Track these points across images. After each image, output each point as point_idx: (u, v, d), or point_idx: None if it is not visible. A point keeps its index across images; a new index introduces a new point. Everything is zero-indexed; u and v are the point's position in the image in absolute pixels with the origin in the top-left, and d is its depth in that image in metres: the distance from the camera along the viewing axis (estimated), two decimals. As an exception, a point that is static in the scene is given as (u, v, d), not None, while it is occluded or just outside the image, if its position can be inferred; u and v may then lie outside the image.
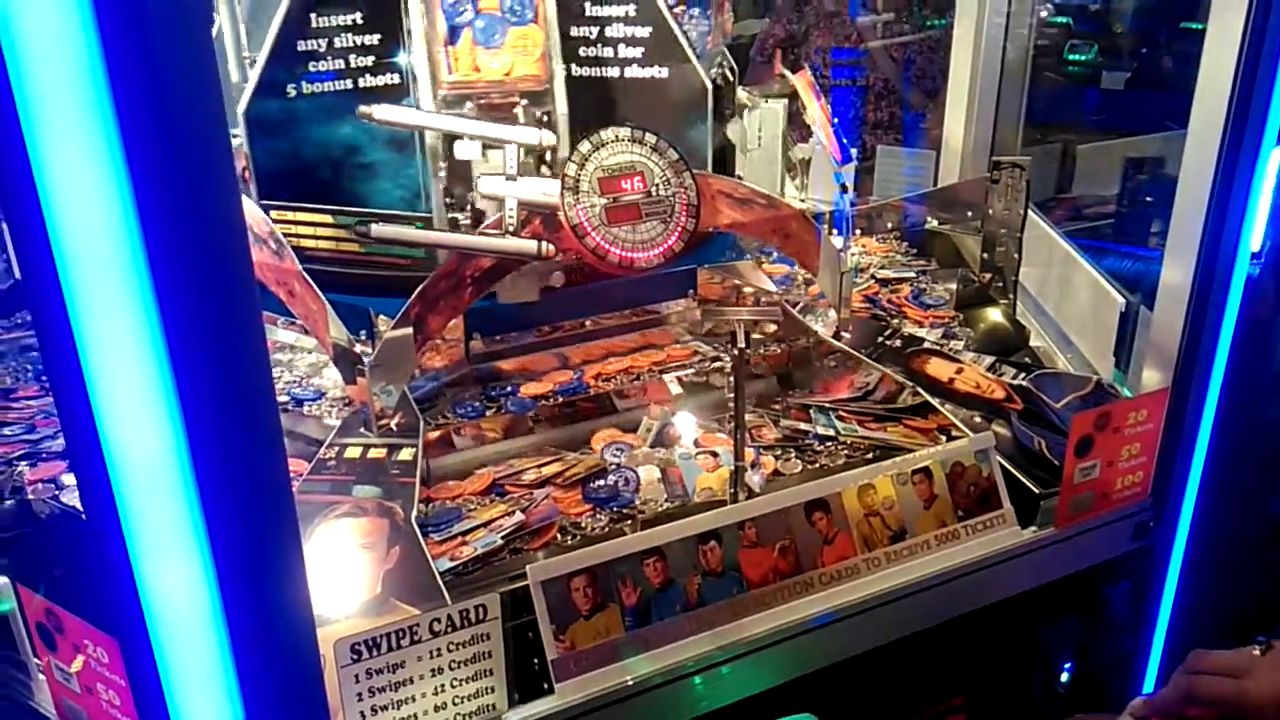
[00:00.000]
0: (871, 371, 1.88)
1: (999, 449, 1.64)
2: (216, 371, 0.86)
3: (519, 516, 1.50)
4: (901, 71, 4.07)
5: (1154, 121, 3.72)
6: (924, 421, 1.74)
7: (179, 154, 0.79)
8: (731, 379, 1.52)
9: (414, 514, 1.44)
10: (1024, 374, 1.89)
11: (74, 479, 1.48)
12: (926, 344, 2.01)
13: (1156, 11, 5.63)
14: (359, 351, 1.65)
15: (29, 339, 2.07)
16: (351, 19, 1.86)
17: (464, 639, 1.24)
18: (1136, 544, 1.77)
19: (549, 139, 1.77)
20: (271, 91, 1.85)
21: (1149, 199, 3.50)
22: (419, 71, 1.85)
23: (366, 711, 1.20)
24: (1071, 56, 5.45)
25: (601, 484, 1.60)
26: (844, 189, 2.19)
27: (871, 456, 1.67)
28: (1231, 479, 1.80)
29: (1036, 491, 1.63)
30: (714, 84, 2.04)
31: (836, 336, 1.99)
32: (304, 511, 1.35)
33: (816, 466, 1.67)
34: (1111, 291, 1.97)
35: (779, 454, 1.70)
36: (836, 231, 2.15)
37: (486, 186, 1.73)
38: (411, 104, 1.86)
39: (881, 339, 2.03)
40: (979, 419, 1.75)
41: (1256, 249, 1.68)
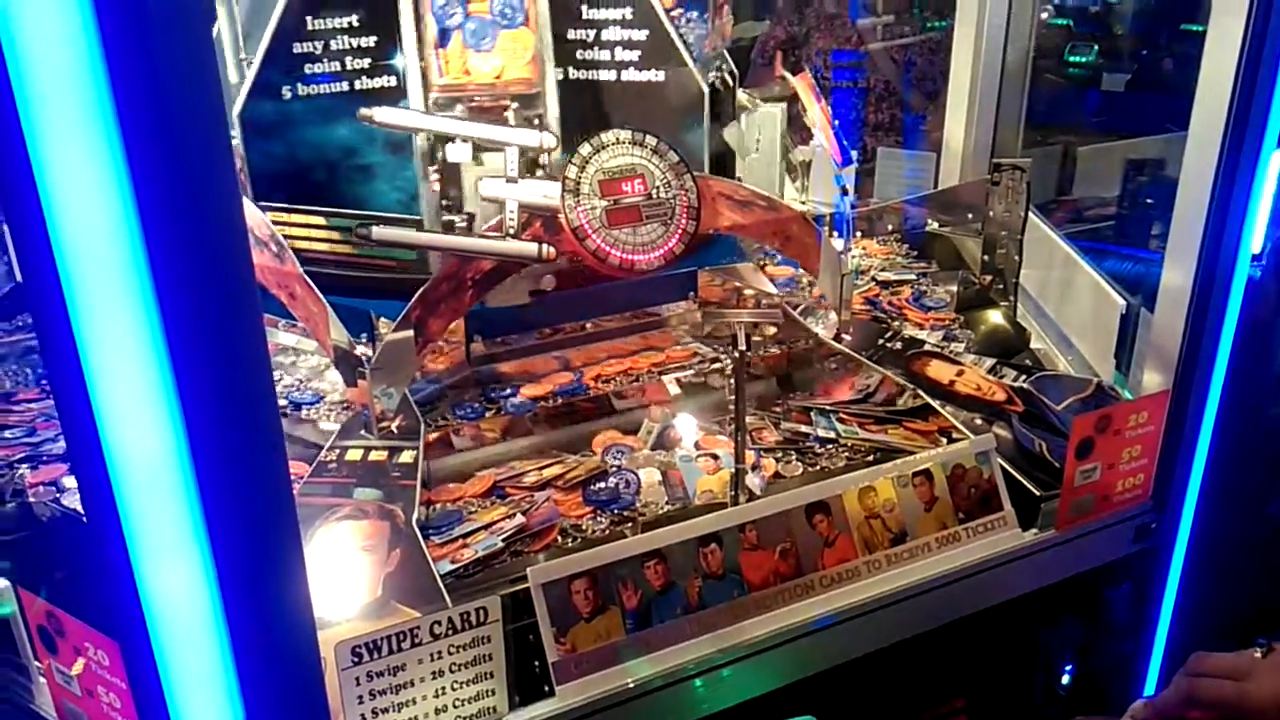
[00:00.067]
0: (872, 374, 1.88)
1: (1000, 451, 1.64)
2: (217, 374, 0.86)
3: (520, 519, 1.50)
4: (902, 73, 4.07)
5: (1155, 123, 3.72)
6: (925, 424, 1.74)
7: (180, 155, 0.79)
8: (732, 381, 1.52)
9: (415, 516, 1.45)
10: (1025, 376, 1.89)
11: (75, 481, 1.48)
12: (927, 346, 2.01)
13: (1157, 13, 5.63)
14: (360, 354, 1.65)
15: (30, 342, 2.07)
16: (348, 21, 1.86)
17: (465, 641, 1.24)
18: (1137, 546, 1.77)
19: (549, 141, 1.77)
20: (267, 93, 1.85)
21: (1149, 201, 3.50)
22: (410, 74, 1.85)
23: (367, 714, 1.20)
24: (1072, 58, 5.45)
25: (602, 486, 1.60)
26: (844, 191, 2.19)
27: (872, 459, 1.67)
28: (1232, 481, 1.80)
29: (1037, 494, 1.63)
30: (713, 87, 2.04)
31: (837, 339, 1.99)
32: (305, 514, 1.35)
33: (817, 469, 1.67)
34: (1112, 294, 1.97)
35: (780, 456, 1.70)
36: (837, 234, 2.15)
37: (487, 189, 1.73)
38: (406, 106, 1.86)
39: (882, 341, 2.03)
40: (979, 421, 1.75)
41: (1257, 251, 1.68)
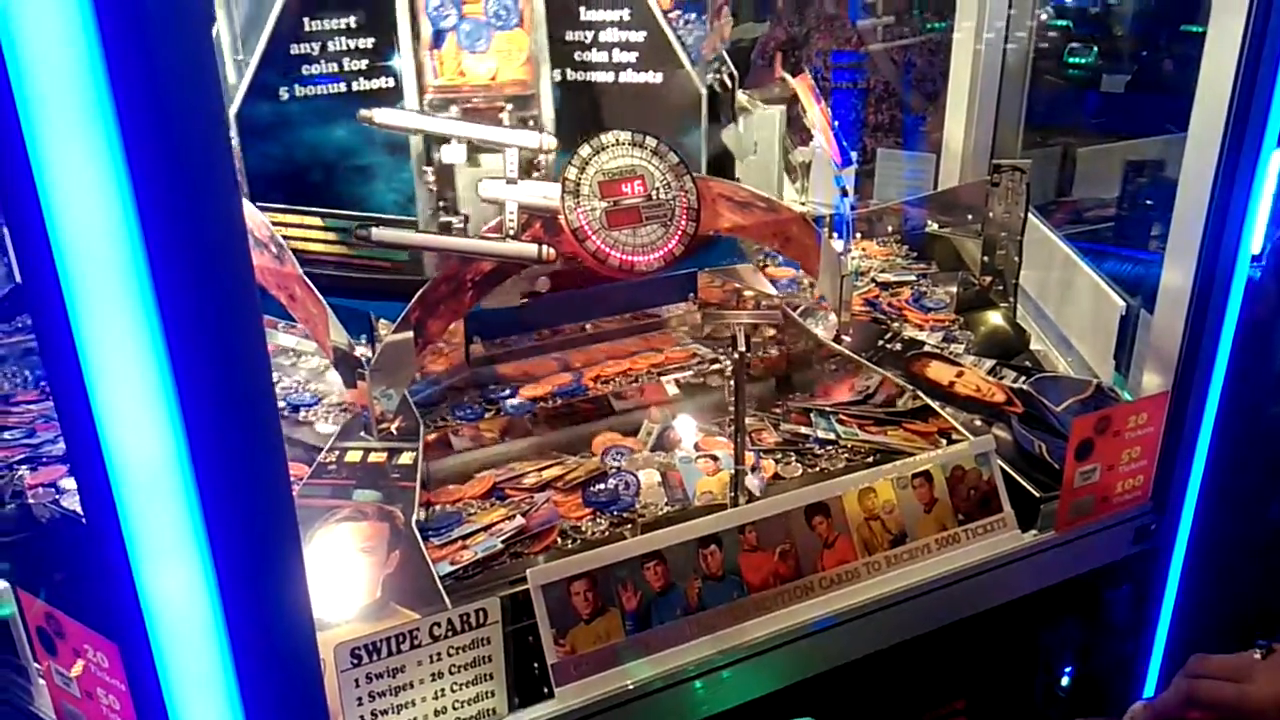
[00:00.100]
0: (872, 375, 1.88)
1: (999, 453, 1.64)
2: (217, 375, 0.86)
3: (519, 520, 1.50)
4: (902, 74, 4.07)
5: (1154, 124, 3.72)
6: (924, 425, 1.74)
7: (179, 155, 0.79)
8: (731, 382, 1.52)
9: (414, 518, 1.44)
10: (1024, 377, 1.89)
11: (74, 483, 1.48)
12: (927, 347, 2.01)
13: (1157, 14, 5.64)
14: (359, 355, 1.65)
15: (29, 343, 2.07)
16: (345, 23, 1.86)
17: (464, 643, 1.24)
18: (1137, 548, 1.77)
19: (549, 142, 1.77)
20: (264, 94, 1.85)
21: (1149, 202, 3.50)
22: (405, 75, 1.85)
23: (366, 716, 1.20)
24: (1072, 59, 5.46)
25: (602, 488, 1.60)
26: (844, 192, 2.19)
27: (872, 460, 1.67)
28: (1232, 483, 1.80)
29: (1037, 495, 1.63)
30: (711, 89, 2.04)
31: (837, 340, 1.99)
32: (304, 515, 1.35)
33: (817, 470, 1.67)
34: (1112, 295, 1.97)
35: (779, 457, 1.70)
36: (837, 235, 2.15)
37: (487, 190, 1.73)
38: (403, 108, 1.86)
39: (882, 342, 2.03)
40: (979, 423, 1.75)
41: (1257, 251, 1.68)
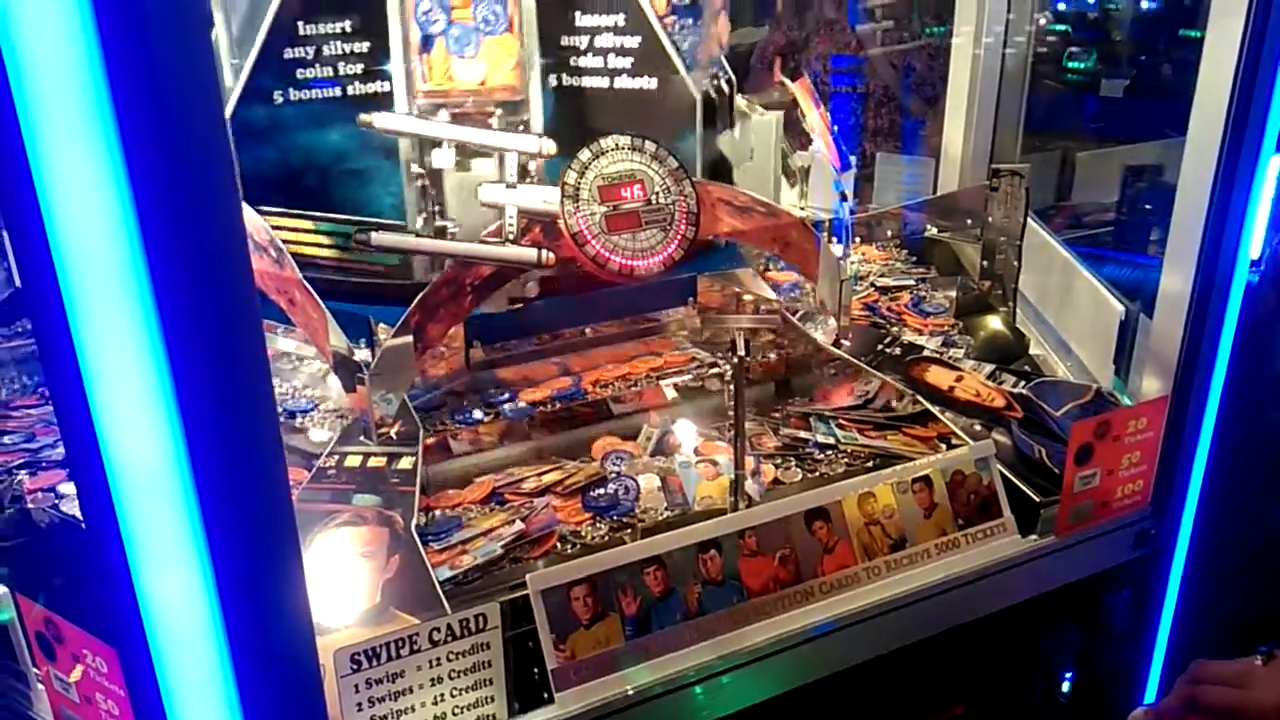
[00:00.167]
0: (871, 379, 1.88)
1: (999, 457, 1.64)
2: (217, 379, 0.86)
3: (519, 525, 1.50)
4: (901, 79, 4.07)
5: (1153, 128, 3.72)
6: (924, 430, 1.74)
7: (179, 158, 0.79)
8: (730, 386, 1.52)
9: (414, 523, 1.44)
10: (1024, 382, 1.89)
11: (74, 488, 1.47)
12: (926, 352, 2.01)
13: (1155, 19, 5.65)
14: (359, 359, 1.65)
15: (29, 348, 2.06)
16: (340, 27, 1.85)
17: (464, 648, 1.24)
18: (1137, 552, 1.77)
19: (549, 147, 1.77)
20: (258, 97, 1.84)
21: (1148, 206, 3.50)
22: (395, 80, 1.84)
23: (366, 721, 1.20)
24: (1071, 64, 5.47)
25: (601, 492, 1.60)
26: (843, 197, 2.19)
27: (871, 465, 1.67)
28: (1233, 487, 1.80)
29: (1037, 500, 1.63)
30: (708, 94, 2.03)
31: (836, 344, 1.99)
32: (304, 520, 1.34)
33: (816, 475, 1.67)
34: (1111, 299, 1.97)
35: (779, 462, 1.70)
36: (836, 239, 2.15)
37: (487, 194, 1.73)
38: (403, 112, 1.86)
39: (881, 347, 2.03)
40: (979, 427, 1.75)
41: (1256, 256, 1.68)
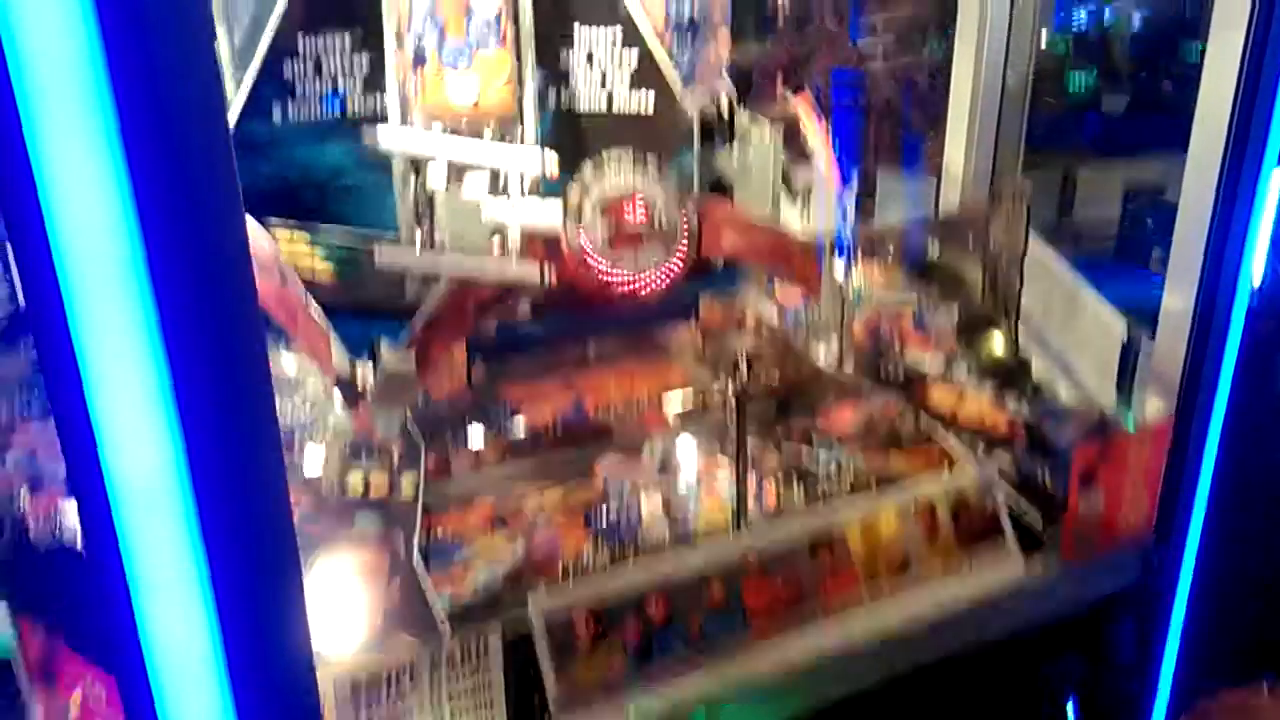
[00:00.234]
0: (874, 400, 1.87)
1: (1002, 481, 1.63)
2: (220, 403, 0.86)
3: (520, 548, 1.49)
4: (902, 92, 4.08)
5: (1154, 145, 3.73)
6: (926, 452, 1.73)
7: (183, 177, 0.79)
8: (732, 404, 1.51)
9: (415, 545, 1.43)
10: (1026, 402, 1.88)
11: (74, 516, 1.47)
12: (929, 372, 2.00)
13: (1155, 36, 5.66)
14: (361, 376, 1.64)
15: (31, 372, 2.06)
16: (339, 43, 1.86)
17: (464, 673, 1.23)
18: (1141, 577, 1.75)
19: (551, 161, 1.76)
20: (258, 111, 1.85)
21: (1150, 222, 3.50)
22: (390, 97, 1.84)
23: (366, 748, 1.19)
24: (1072, 81, 5.48)
25: (603, 515, 1.59)
26: (845, 215, 2.18)
27: (874, 487, 1.66)
28: (1238, 510, 1.78)
29: (1040, 524, 1.62)
30: (706, 113, 2.02)
31: (839, 364, 1.98)
32: (304, 543, 1.34)
33: (819, 496, 1.66)
34: (1114, 319, 1.95)
35: (781, 484, 1.69)
36: (839, 257, 2.14)
37: (490, 212, 1.72)
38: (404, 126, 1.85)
39: (883, 367, 2.02)
40: (982, 451, 1.74)
41: (1258, 273, 1.67)
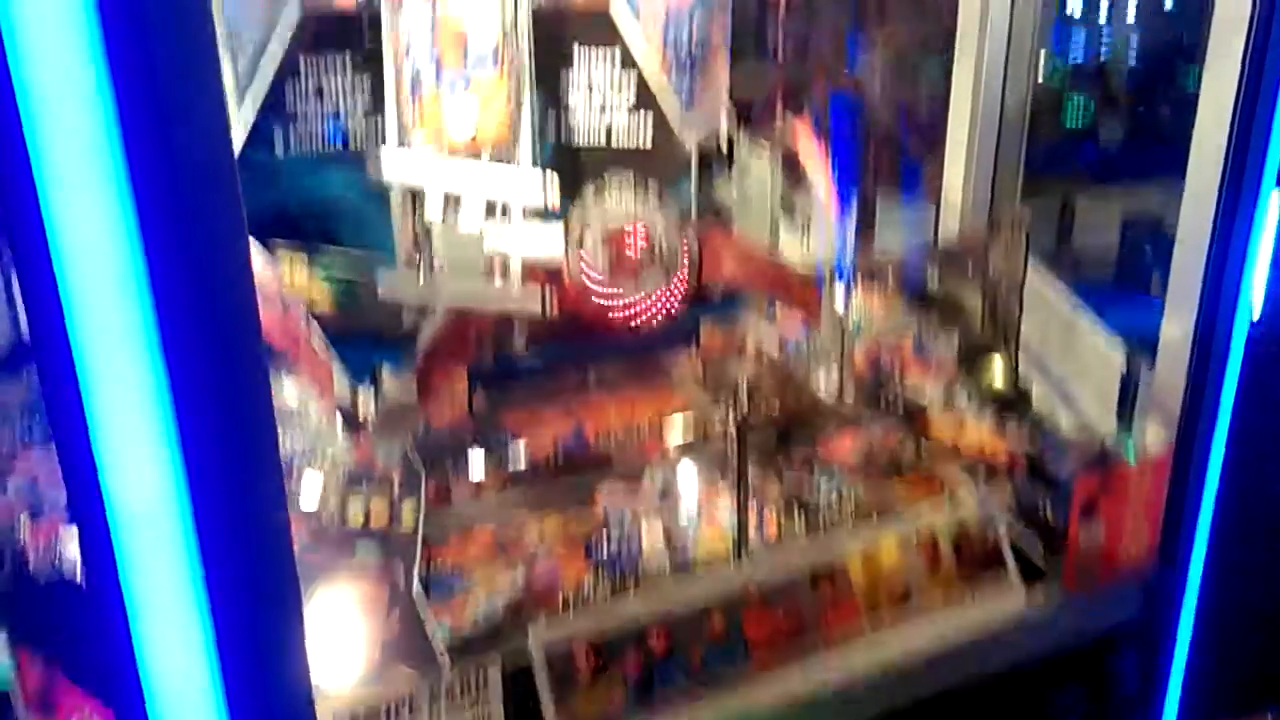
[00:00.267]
0: (874, 429, 1.87)
1: (1003, 512, 1.62)
2: (222, 433, 0.86)
3: (520, 579, 1.49)
4: (899, 118, 4.09)
5: (1153, 172, 3.74)
6: (927, 481, 1.73)
7: (188, 207, 0.80)
8: (733, 432, 1.51)
9: (415, 575, 1.43)
10: (1026, 431, 1.88)
11: (75, 549, 1.47)
12: (929, 401, 2.00)
13: (1153, 66, 5.70)
14: (363, 403, 1.64)
15: (32, 401, 2.06)
16: (340, 70, 1.88)
17: (464, 706, 1.23)
18: (1144, 609, 1.74)
19: (553, 184, 1.76)
20: (260, 139, 1.86)
21: (1149, 249, 3.51)
22: (388, 123, 1.85)
23: (365, 782, 1.18)
24: (1069, 108, 5.51)
25: (604, 545, 1.58)
26: (845, 243, 2.19)
27: (875, 517, 1.65)
28: (1239, 542, 1.77)
29: (1042, 555, 1.62)
30: (704, 143, 2.03)
31: (839, 392, 1.98)
32: (304, 573, 1.33)
33: (820, 523, 1.65)
34: (1113, 348, 1.94)
35: (782, 513, 1.68)
36: (838, 283, 2.14)
37: (492, 240, 1.73)
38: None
39: (883, 395, 2.02)
40: (983, 481, 1.74)
41: (1257, 299, 1.66)
